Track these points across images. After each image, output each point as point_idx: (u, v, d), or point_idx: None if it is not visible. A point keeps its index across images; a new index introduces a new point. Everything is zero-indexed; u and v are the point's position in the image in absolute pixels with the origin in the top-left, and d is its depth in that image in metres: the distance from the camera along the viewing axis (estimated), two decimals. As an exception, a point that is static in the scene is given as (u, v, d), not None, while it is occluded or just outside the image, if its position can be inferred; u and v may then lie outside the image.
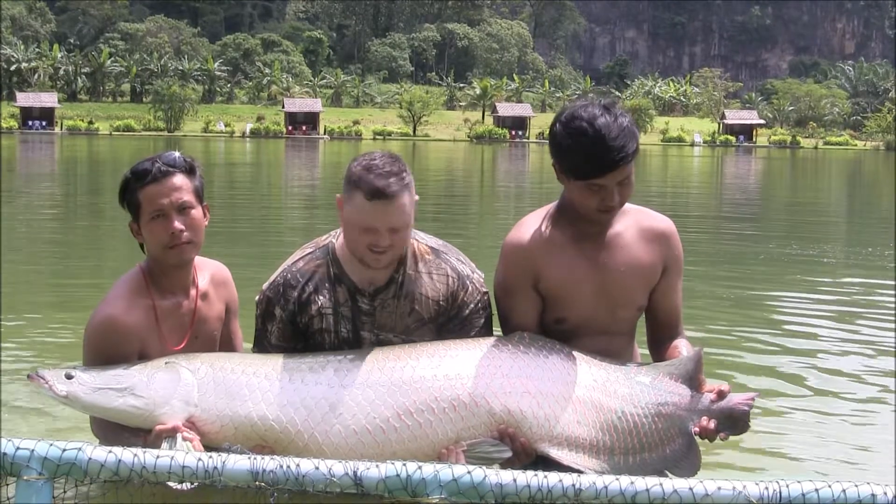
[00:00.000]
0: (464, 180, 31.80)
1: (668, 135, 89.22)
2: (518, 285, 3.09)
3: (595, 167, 2.90)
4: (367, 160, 2.88)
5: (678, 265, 3.22)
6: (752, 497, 1.90)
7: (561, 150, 2.98)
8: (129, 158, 40.22)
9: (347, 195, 2.88)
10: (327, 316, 3.02)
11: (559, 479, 1.94)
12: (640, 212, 3.19)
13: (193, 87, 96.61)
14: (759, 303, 8.40)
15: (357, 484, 1.97)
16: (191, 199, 3.03)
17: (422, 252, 3.06)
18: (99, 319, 3.01)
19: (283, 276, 3.06)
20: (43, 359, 5.67)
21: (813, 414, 4.93)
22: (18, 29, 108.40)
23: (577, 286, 3.08)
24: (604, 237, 3.10)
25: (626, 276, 3.11)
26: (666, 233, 3.18)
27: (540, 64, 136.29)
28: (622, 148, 2.88)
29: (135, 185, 3.02)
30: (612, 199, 2.95)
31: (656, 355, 3.26)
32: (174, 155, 3.07)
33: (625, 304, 3.17)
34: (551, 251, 3.06)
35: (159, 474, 1.98)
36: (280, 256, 3.31)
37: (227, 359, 2.94)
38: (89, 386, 2.77)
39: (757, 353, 6.24)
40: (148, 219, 3.01)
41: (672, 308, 3.24)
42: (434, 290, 3.04)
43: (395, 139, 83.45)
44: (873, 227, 17.22)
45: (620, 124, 2.90)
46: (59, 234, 13.36)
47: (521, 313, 3.10)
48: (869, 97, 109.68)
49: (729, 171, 42.29)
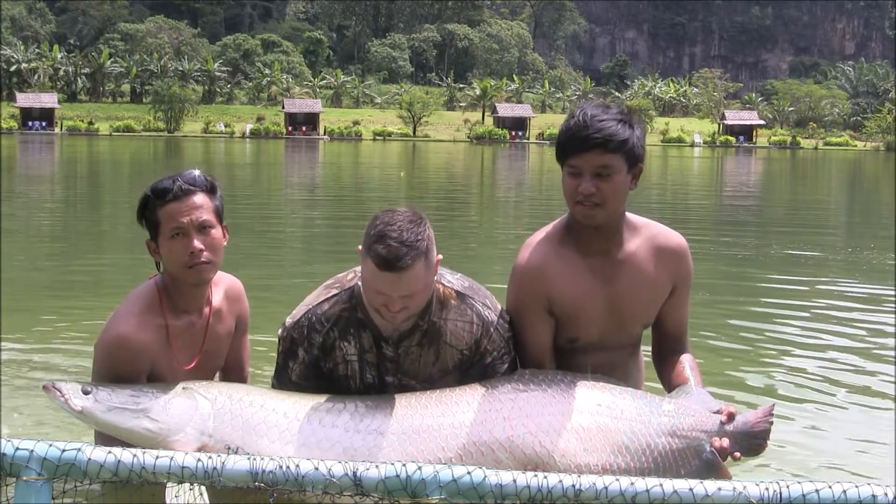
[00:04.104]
0: (463, 180, 31.80)
1: (668, 135, 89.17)
2: (531, 310, 3.07)
3: (571, 144, 2.94)
4: (384, 224, 2.77)
5: (688, 282, 3.21)
6: (752, 497, 1.89)
7: (557, 137, 3.04)
8: (130, 159, 40.24)
9: (363, 254, 2.81)
10: (352, 363, 3.00)
11: (559, 479, 1.94)
12: (652, 228, 3.16)
13: (193, 87, 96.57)
14: (758, 303, 8.40)
15: (356, 484, 1.97)
16: (211, 219, 2.99)
17: (447, 297, 3.00)
18: (110, 337, 2.98)
19: (307, 317, 3.00)
20: (43, 359, 5.66)
21: (813, 414, 4.93)
22: (18, 29, 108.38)
23: (588, 307, 3.07)
24: (614, 255, 3.08)
25: (637, 296, 3.11)
26: (678, 251, 3.16)
27: (540, 64, 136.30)
28: (600, 129, 2.90)
29: (154, 203, 2.97)
30: (587, 185, 2.93)
31: (661, 368, 3.26)
32: (195, 173, 3.03)
33: (634, 321, 3.19)
34: (563, 274, 3.04)
35: (159, 474, 1.98)
36: (281, 257, 3.30)
37: (246, 392, 2.92)
38: (106, 404, 2.76)
39: (756, 353, 6.24)
40: (167, 237, 2.96)
41: (679, 323, 3.24)
42: (458, 338, 3.00)
43: (394, 140, 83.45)
44: (873, 227, 17.22)
45: (612, 115, 2.95)
46: (59, 233, 13.37)
47: (535, 337, 3.08)
48: (869, 98, 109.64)
49: (729, 172, 42.28)
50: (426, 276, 2.82)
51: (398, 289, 2.76)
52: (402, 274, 2.74)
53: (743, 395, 5.21)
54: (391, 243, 2.72)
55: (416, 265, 2.75)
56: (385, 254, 2.72)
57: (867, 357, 6.19)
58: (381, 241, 2.74)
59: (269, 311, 6.02)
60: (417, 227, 2.78)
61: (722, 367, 5.73)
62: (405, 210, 2.84)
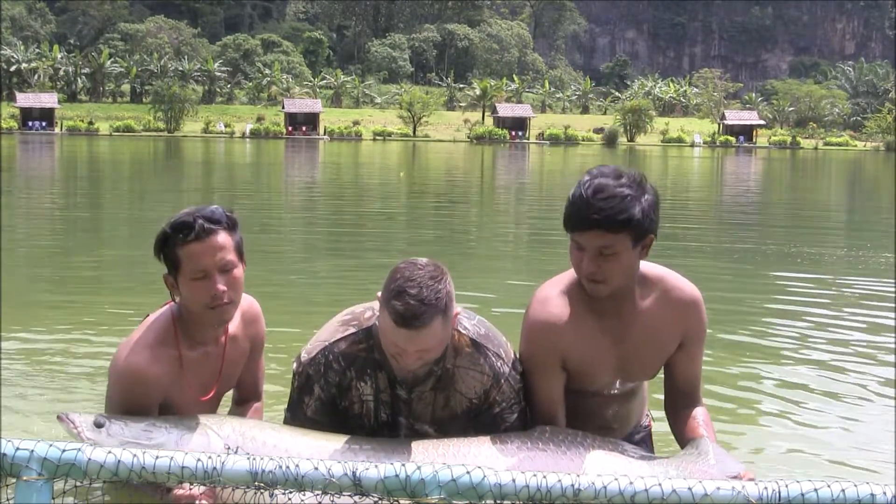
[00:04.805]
0: (463, 180, 31.78)
1: (668, 135, 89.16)
2: (544, 365, 3.06)
3: (574, 219, 2.86)
4: (404, 279, 2.75)
5: (699, 336, 3.16)
6: (752, 497, 1.89)
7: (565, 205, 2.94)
8: (130, 159, 40.24)
9: (381, 305, 2.80)
10: (368, 402, 3.00)
11: (558, 479, 1.94)
12: (666, 281, 3.10)
13: (193, 87, 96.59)
14: (757, 302, 8.39)
15: (356, 484, 1.97)
16: (234, 259, 2.94)
17: (462, 345, 3.00)
18: (123, 368, 2.94)
19: (324, 354, 2.99)
20: (43, 358, 5.66)
21: (812, 414, 4.93)
22: (18, 29, 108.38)
23: (598, 364, 3.08)
24: (626, 314, 3.05)
25: (647, 352, 3.10)
26: (690, 304, 3.11)
27: (540, 64, 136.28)
28: (602, 210, 2.79)
29: (175, 241, 2.89)
30: (589, 264, 2.87)
31: (673, 421, 3.26)
32: (217, 211, 2.94)
33: (643, 374, 3.21)
34: (575, 333, 3.02)
35: (159, 475, 1.98)
36: (279, 256, 3.30)
37: (259, 429, 2.91)
38: (118, 438, 2.75)
39: (756, 353, 6.24)
40: (189, 278, 2.90)
41: (690, 378, 3.21)
42: (468, 387, 3.01)
43: (395, 140, 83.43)
44: (874, 227, 17.22)
45: (619, 192, 2.81)
46: (59, 232, 13.36)
47: (547, 390, 3.08)
48: (869, 98, 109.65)
49: (729, 172, 42.27)
50: (443, 333, 2.82)
51: (414, 344, 2.77)
52: (419, 331, 2.74)
53: (743, 396, 5.21)
54: (410, 301, 2.71)
55: (434, 323, 2.75)
56: (403, 311, 2.71)
57: (867, 356, 6.19)
58: (399, 297, 2.72)
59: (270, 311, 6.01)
60: (438, 284, 2.76)
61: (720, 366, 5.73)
62: (425, 263, 2.81)
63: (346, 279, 9.39)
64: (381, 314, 2.81)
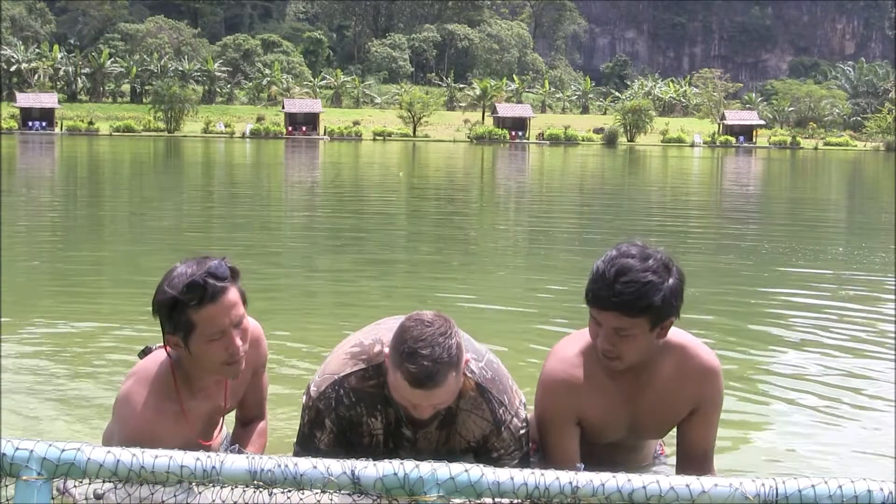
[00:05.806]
0: (463, 179, 31.78)
1: (668, 135, 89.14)
2: (561, 421, 3.08)
3: (593, 297, 2.87)
4: (414, 340, 2.72)
5: (712, 405, 3.16)
6: (749, 494, 1.90)
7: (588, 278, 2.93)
8: (130, 159, 40.23)
9: (392, 365, 2.78)
10: (377, 436, 3.03)
11: (556, 476, 1.94)
12: (686, 350, 3.10)
13: (193, 87, 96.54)
14: (757, 302, 8.39)
15: (355, 483, 1.97)
16: (244, 311, 2.89)
17: (466, 389, 2.98)
18: (126, 430, 2.84)
19: (334, 389, 2.98)
20: (44, 358, 5.66)
21: (811, 413, 4.93)
22: (18, 29, 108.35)
23: (611, 423, 3.11)
24: (642, 374, 3.07)
25: (657, 413, 3.13)
26: (707, 374, 3.11)
27: (540, 64, 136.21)
28: (622, 294, 2.79)
29: (186, 305, 2.79)
30: (604, 341, 2.89)
31: None
32: (222, 266, 2.84)
33: (652, 434, 3.26)
34: (591, 393, 3.05)
35: (158, 474, 1.98)
36: (280, 253, 3.29)
37: None
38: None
39: (755, 353, 6.24)
40: (206, 340, 2.82)
41: (705, 445, 3.20)
42: (468, 430, 3.02)
43: (395, 140, 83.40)
44: (873, 226, 17.22)
45: (641, 278, 2.80)
46: (59, 232, 13.36)
47: (562, 446, 3.09)
48: (869, 98, 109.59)
49: (729, 172, 42.26)
50: (456, 385, 2.82)
51: (430, 400, 2.77)
52: (434, 390, 2.74)
53: (742, 395, 5.21)
54: (423, 362, 2.69)
55: (448, 379, 2.74)
56: (417, 373, 2.70)
57: (866, 355, 6.19)
58: (412, 359, 2.70)
59: (270, 310, 6.02)
60: (448, 340, 2.73)
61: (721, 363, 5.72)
62: (433, 318, 2.77)
63: (347, 278, 9.41)
64: (392, 374, 2.79)
